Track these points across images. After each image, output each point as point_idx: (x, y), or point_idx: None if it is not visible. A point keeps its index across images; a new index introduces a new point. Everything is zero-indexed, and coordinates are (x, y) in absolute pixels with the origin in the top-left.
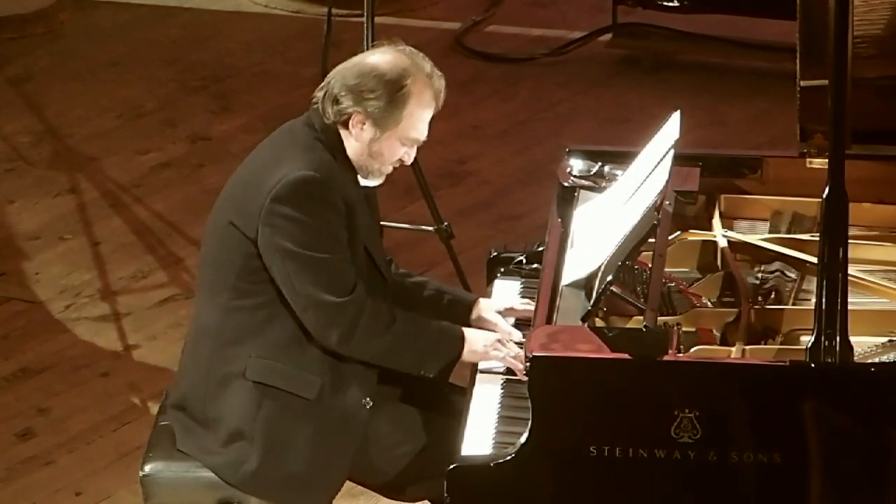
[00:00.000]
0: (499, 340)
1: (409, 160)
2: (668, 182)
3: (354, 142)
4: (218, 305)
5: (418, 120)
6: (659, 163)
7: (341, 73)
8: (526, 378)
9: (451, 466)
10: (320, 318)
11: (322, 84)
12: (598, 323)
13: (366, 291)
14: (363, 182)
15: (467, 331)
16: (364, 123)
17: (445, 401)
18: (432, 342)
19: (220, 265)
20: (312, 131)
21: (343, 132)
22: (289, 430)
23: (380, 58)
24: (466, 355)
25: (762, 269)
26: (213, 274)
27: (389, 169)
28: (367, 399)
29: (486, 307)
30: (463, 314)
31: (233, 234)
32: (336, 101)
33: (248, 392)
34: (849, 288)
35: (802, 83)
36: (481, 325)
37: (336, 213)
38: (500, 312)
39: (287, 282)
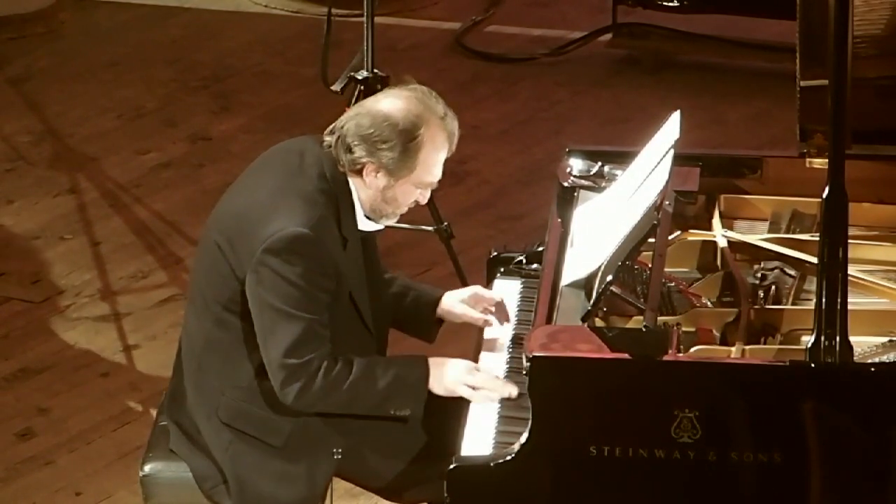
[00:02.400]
0: (476, 368)
1: (423, 201)
2: (668, 182)
3: (367, 189)
4: (202, 328)
5: (433, 164)
6: (659, 163)
7: (354, 121)
8: (524, 376)
9: (451, 466)
10: (280, 375)
11: (333, 127)
12: (598, 323)
13: (331, 350)
14: (370, 226)
15: (433, 364)
16: (378, 173)
17: (444, 403)
18: (392, 387)
19: (210, 288)
20: (322, 181)
21: (356, 180)
22: (255, 473)
23: (392, 104)
24: (436, 389)
25: (762, 265)
26: (201, 294)
27: (404, 210)
28: (337, 450)
29: (450, 300)
30: (427, 311)
31: (224, 265)
32: (349, 150)
33: (218, 428)
34: (849, 288)
35: (802, 83)
36: (449, 319)
37: (323, 275)
38: (466, 301)
39: (260, 332)
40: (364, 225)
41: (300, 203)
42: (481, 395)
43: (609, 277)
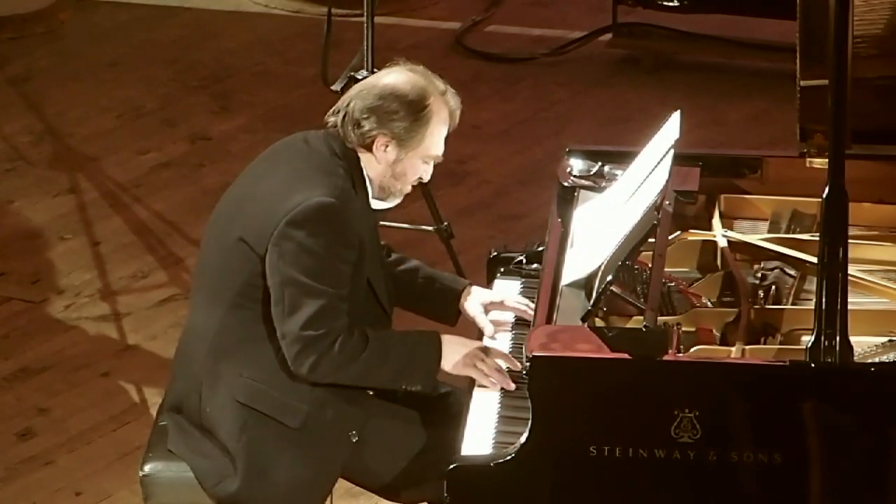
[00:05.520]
0: (483, 349)
1: (426, 177)
2: (668, 182)
3: (377, 164)
4: (214, 315)
5: (439, 137)
6: (659, 163)
7: (359, 97)
8: (523, 378)
9: (451, 466)
10: (296, 346)
11: (336, 108)
12: (598, 323)
13: (349, 324)
14: (379, 205)
15: (446, 341)
16: (388, 145)
17: (444, 402)
18: (405, 362)
19: (223, 277)
20: (334, 158)
21: (365, 155)
22: (271, 456)
23: (397, 78)
24: (447, 367)
25: (762, 265)
26: (214, 282)
27: (409, 189)
28: (354, 432)
29: (472, 298)
30: (452, 303)
31: (241, 249)
32: (358, 125)
33: (235, 411)
34: (849, 288)
35: (802, 83)
36: (466, 314)
37: (347, 247)
38: (487, 305)
39: (279, 305)
40: (374, 204)
41: (321, 175)
42: (490, 379)
43: (609, 277)
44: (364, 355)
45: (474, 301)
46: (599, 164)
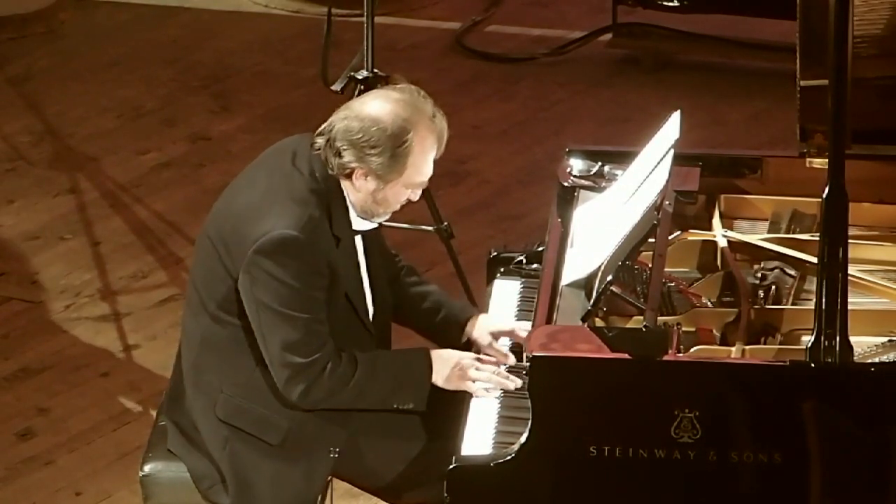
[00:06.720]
0: (478, 359)
1: (415, 199)
2: (668, 182)
3: (357, 192)
4: (199, 326)
5: (422, 165)
6: (659, 163)
7: (343, 124)
8: (525, 378)
9: (451, 466)
10: (285, 373)
11: (322, 129)
12: (598, 323)
13: (335, 348)
14: (363, 225)
15: (436, 357)
16: (367, 176)
17: (444, 403)
18: (396, 382)
19: (206, 286)
20: (313, 180)
21: (346, 182)
22: (253, 471)
23: (381, 108)
24: (440, 381)
25: (762, 265)
26: (197, 293)
27: (396, 208)
28: (334, 448)
29: (480, 327)
30: (455, 332)
31: (218, 264)
32: (338, 154)
33: (216, 426)
34: (849, 288)
35: (802, 83)
36: (475, 343)
37: (316, 273)
38: (496, 334)
39: (259, 332)
40: (358, 224)
41: (290, 204)
42: (483, 389)
43: (609, 277)
44: (354, 379)
45: (482, 331)
46: (599, 164)
